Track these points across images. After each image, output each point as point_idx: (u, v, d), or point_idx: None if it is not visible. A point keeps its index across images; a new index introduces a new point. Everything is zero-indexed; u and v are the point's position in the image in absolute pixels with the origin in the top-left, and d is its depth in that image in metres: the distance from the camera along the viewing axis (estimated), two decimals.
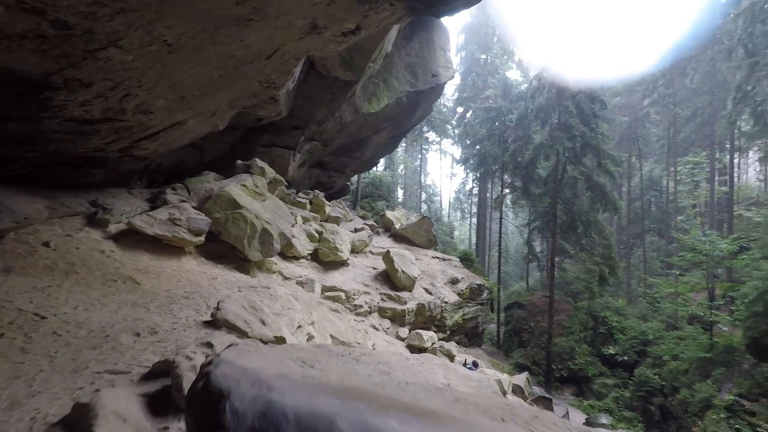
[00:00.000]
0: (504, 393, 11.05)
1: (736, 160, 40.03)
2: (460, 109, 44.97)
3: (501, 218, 30.21)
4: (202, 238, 10.76)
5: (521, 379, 16.11)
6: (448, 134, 42.25)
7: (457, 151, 62.05)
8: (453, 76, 26.59)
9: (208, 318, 5.99)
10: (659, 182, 41.55)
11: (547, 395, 16.82)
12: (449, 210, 72.18)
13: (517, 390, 13.37)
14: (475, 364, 13.24)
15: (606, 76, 25.29)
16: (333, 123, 20.91)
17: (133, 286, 7.01)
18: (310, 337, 7.48)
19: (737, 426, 15.65)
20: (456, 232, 63.20)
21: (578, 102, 22.02)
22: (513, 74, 38.40)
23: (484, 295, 20.25)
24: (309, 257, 16.04)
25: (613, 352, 25.95)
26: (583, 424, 16.83)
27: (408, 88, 23.97)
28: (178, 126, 9.35)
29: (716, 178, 41.32)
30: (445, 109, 42.24)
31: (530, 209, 34.73)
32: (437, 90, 26.27)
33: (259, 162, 15.05)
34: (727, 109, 35.44)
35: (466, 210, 70.40)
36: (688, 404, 18.15)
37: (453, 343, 14.52)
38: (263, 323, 5.66)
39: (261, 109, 15.50)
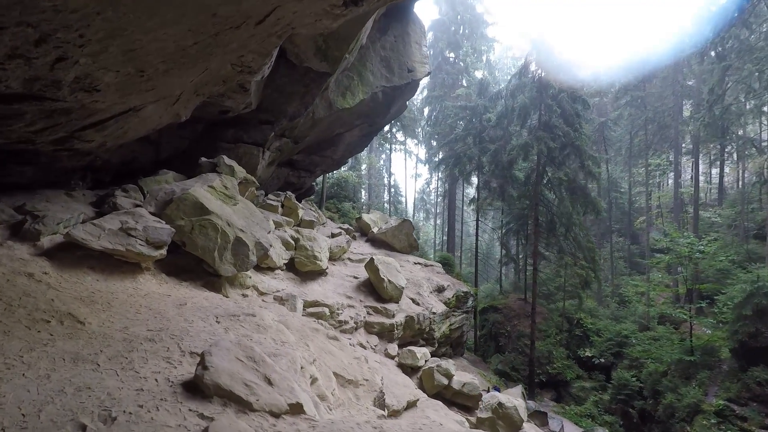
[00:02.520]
0: (522, 421, 9.89)
1: (689, 162, 41.66)
2: (426, 109, 44.14)
3: (478, 220, 29.46)
4: (164, 251, 8.83)
5: (516, 392, 15.11)
6: (416, 133, 41.20)
7: (421, 151, 61.45)
8: (429, 73, 25.48)
9: (187, 375, 4.28)
10: (620, 183, 42.56)
11: (541, 410, 15.93)
12: (413, 211, 71.54)
13: (534, 415, 12.28)
14: (497, 389, 12.14)
15: (585, 75, 25.15)
16: (305, 118, 19.19)
17: (75, 326, 5.13)
18: (314, 381, 5.89)
19: (729, 431, 15.44)
20: (420, 233, 62.60)
21: (561, 101, 21.50)
22: (481, 74, 37.84)
23: (470, 302, 19.21)
24: (284, 267, 14.26)
25: (589, 355, 25.78)
26: None
27: (383, 83, 22.59)
28: (133, 113, 7.43)
29: (670, 179, 42.87)
30: (414, 107, 41.18)
31: (503, 211, 34.35)
32: (413, 86, 25.04)
33: (227, 159, 13.13)
34: (684, 113, 36.75)
35: (431, 211, 70.09)
36: (674, 409, 17.90)
37: (450, 360, 13.25)
38: (269, 382, 4.04)
39: (228, 99, 13.58)
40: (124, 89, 5.73)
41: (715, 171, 42.10)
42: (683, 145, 37.11)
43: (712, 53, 22.78)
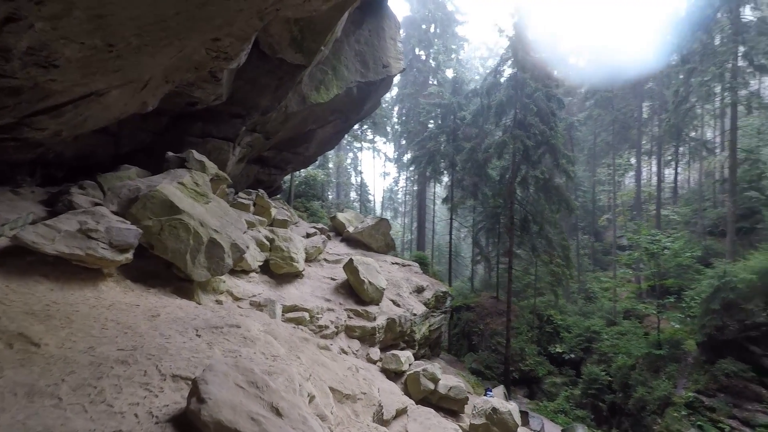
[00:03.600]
0: (517, 426, 9.57)
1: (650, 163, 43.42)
2: (396, 107, 43.79)
3: (452, 219, 29.32)
4: (130, 255, 7.88)
5: (499, 393, 14.93)
6: (386, 131, 40.75)
7: (390, 150, 61.17)
8: (404, 69, 25.04)
9: (174, 407, 3.57)
10: (583, 182, 43.81)
11: (522, 409, 15.81)
12: (382, 210, 71.26)
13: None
14: (489, 391, 11.82)
15: (558, 74, 25.46)
16: (278, 113, 18.32)
17: (28, 349, 4.27)
18: (311, 399, 5.27)
19: (699, 423, 15.87)
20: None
21: (536, 100, 21.59)
22: (452, 72, 37.80)
23: (448, 302, 18.93)
24: (259, 270, 13.41)
25: (560, 351, 26.17)
26: None
27: (358, 78, 22.00)
28: (95, 98, 6.50)
29: (627, 179, 44.52)
30: (384, 105, 40.70)
31: (475, 209, 34.45)
32: (388, 82, 24.57)
33: (196, 154, 12.13)
34: (644, 114, 38.14)
35: (399, 210, 70.01)
36: (645, 402, 18.31)
37: (436, 364, 12.85)
38: (278, 413, 3.40)
39: (198, 89, 12.61)
40: (87, 67, 4.87)
41: (668, 171, 44.06)
42: (642, 145, 38.47)
43: (676, 57, 23.62)
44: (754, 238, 24.61)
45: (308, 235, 17.88)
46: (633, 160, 40.98)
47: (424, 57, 39.45)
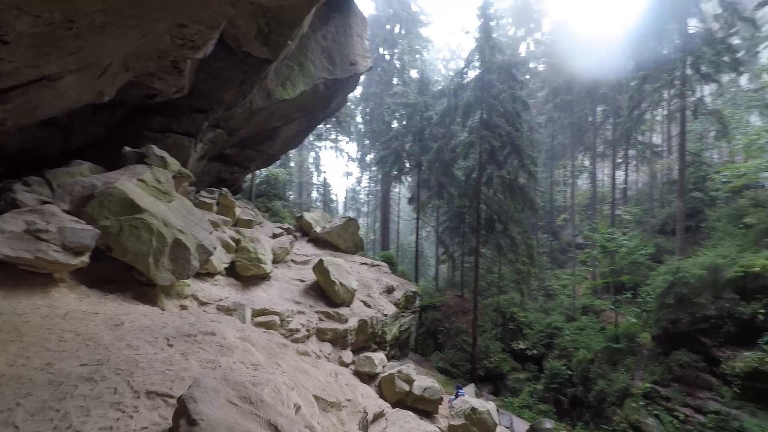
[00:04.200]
0: (496, 425, 9.56)
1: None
2: (360, 106, 43.49)
3: (418, 218, 29.34)
4: (86, 258, 7.20)
5: (470, 392, 14.99)
6: (350, 130, 40.38)
7: (353, 149, 60.73)
8: (371, 67, 24.81)
9: (154, 429, 3.17)
10: (541, 183, 45.28)
11: None
12: (344, 209, 70.78)
13: None
14: (459, 388, 11.74)
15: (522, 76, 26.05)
16: (242, 108, 17.64)
17: None
18: (298, 409, 4.93)
19: (655, 412, 16.64)
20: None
21: (503, 101, 21.95)
22: (416, 73, 37.98)
23: (417, 302, 18.87)
24: (224, 272, 12.77)
25: (523, 347, 26.79)
26: (527, 431, 16.42)
27: (325, 75, 21.58)
28: (47, 84, 5.83)
29: (580, 180, 46.40)
30: (349, 104, 40.32)
31: (439, 209, 34.70)
32: (355, 80, 24.26)
33: (157, 150, 11.36)
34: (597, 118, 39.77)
35: (362, 209, 69.76)
36: (605, 394, 19.00)
37: (411, 365, 12.67)
38: (277, 431, 3.07)
39: (158, 80, 11.84)
40: (41, 45, 4.30)
41: (619, 173, 46.36)
42: (599, 148, 40.14)
43: (631, 62, 24.80)
44: (698, 236, 26.24)
45: (275, 236, 17.29)
46: (587, 163, 42.78)
47: (388, 57, 39.40)
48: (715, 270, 16.44)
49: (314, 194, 65.00)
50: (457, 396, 12.47)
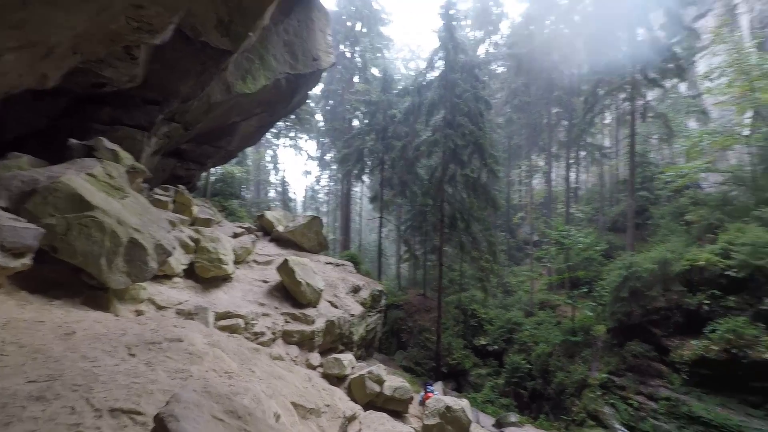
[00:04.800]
0: (470, 422, 9.52)
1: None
2: (320, 103, 42.80)
3: (381, 217, 29.18)
4: (27, 260, 6.45)
5: (438, 389, 15.00)
6: (312, 127, 39.64)
7: (312, 147, 59.80)
8: (334, 63, 24.40)
9: None
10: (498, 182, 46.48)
11: None
12: (303, 209, 69.66)
13: None
14: (429, 385, 11.60)
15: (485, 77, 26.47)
16: (200, 102, 16.80)
17: None
18: (278, 418, 4.61)
19: (611, 401, 17.39)
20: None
21: (466, 100, 22.21)
22: (378, 71, 37.82)
23: (383, 301, 18.72)
24: (182, 274, 12.03)
25: (484, 343, 27.28)
26: (493, 425, 16.68)
27: (287, 69, 21.00)
28: None
29: (534, 180, 48.08)
30: (309, 101, 39.58)
31: (401, 208, 34.77)
32: (317, 76, 23.76)
33: (108, 143, 10.51)
34: (550, 119, 41.20)
35: (321, 209, 68.93)
36: (564, 386, 19.67)
37: (381, 366, 12.44)
38: None
39: (109, 67, 10.99)
40: None
41: (570, 173, 48.47)
42: (554, 148, 41.63)
43: (586, 66, 25.90)
44: (645, 233, 27.83)
45: (235, 235, 16.57)
46: (542, 163, 44.33)
47: (349, 54, 39.00)
48: (664, 264, 17.40)
49: (272, 193, 63.49)
50: (426, 392, 12.38)
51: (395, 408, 11.76)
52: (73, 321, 5.87)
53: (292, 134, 48.04)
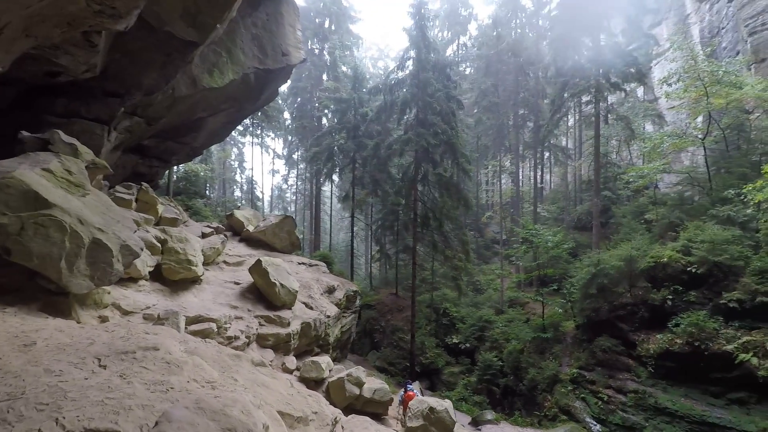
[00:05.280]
0: (454, 423, 9.40)
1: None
2: (288, 101, 41.95)
3: (353, 216, 28.80)
4: None
5: (417, 387, 14.86)
6: (280, 125, 38.74)
7: (279, 145, 58.57)
8: (304, 59, 23.84)
9: None
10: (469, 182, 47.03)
11: None
12: (270, 208, 68.26)
13: None
14: (409, 384, 11.39)
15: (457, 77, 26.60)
16: (164, 95, 15.99)
17: None
18: (266, 429, 4.28)
19: (582, 395, 17.83)
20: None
21: (438, 99, 22.22)
22: (346, 69, 37.41)
23: (357, 301, 18.42)
24: (148, 276, 11.34)
25: (456, 341, 27.42)
26: (469, 423, 16.72)
27: (256, 64, 20.36)
28: None
29: (501, 180, 48.97)
30: (277, 98, 38.68)
31: (372, 207, 34.52)
32: (287, 71, 23.15)
33: (64, 136, 9.71)
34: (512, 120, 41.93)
35: (289, 208, 67.75)
36: (537, 382, 20.00)
37: (360, 368, 12.15)
38: None
39: (66, 54, 10.24)
40: None
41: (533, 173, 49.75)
42: (520, 149, 42.53)
43: (552, 69, 26.52)
44: (608, 231, 28.83)
45: (204, 235, 15.87)
46: (508, 163, 45.24)
47: (317, 51, 38.40)
48: (630, 261, 17.99)
49: (237, 192, 61.81)
50: (406, 392, 12.19)
51: (375, 410, 11.54)
52: (31, 330, 5.30)
53: (258, 132, 46.89)
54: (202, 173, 36.46)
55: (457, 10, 40.57)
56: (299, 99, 39.15)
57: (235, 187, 61.11)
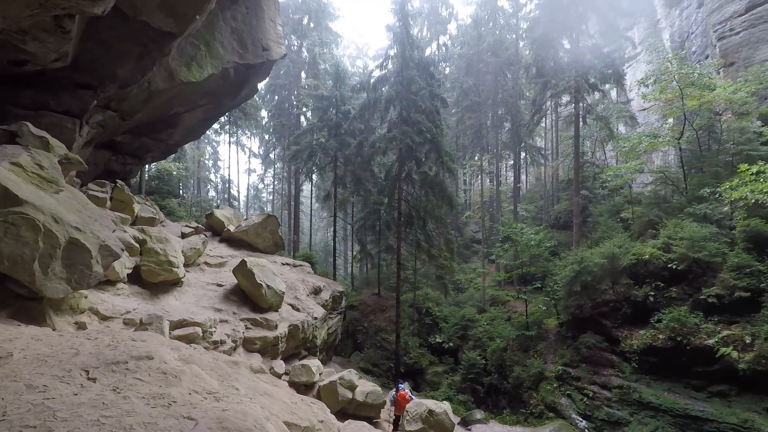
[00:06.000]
0: (453, 425, 9.16)
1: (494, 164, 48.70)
2: (266, 98, 41.06)
3: (335, 216, 28.31)
4: None
5: (407, 388, 14.56)
6: (257, 122, 37.82)
7: (255, 144, 57.32)
8: (285, 54, 23.26)
9: None
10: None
11: None
12: (246, 208, 66.86)
13: None
14: (400, 383, 11.08)
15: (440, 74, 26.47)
16: (139, 89, 15.27)
17: None
18: None
19: (568, 392, 17.96)
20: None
21: (423, 97, 22.03)
22: (325, 66, 36.87)
23: (343, 303, 18.03)
24: (127, 279, 10.68)
25: (439, 341, 27.31)
26: (458, 423, 16.57)
27: (236, 58, 19.76)
28: None
29: (479, 180, 49.28)
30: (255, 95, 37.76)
31: (354, 206, 34.08)
32: (267, 67, 22.53)
33: (33, 128, 9.00)
34: (490, 120, 42.22)
35: (265, 208, 66.55)
36: (522, 380, 20.06)
37: (352, 371, 11.78)
38: None
39: (34, 40, 9.54)
40: None
41: (512, 173, 50.33)
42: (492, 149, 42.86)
43: (533, 69, 26.81)
44: (585, 230, 29.35)
45: (183, 235, 15.19)
46: (486, 163, 45.63)
47: (296, 48, 37.71)
48: (613, 258, 18.25)
49: (212, 193, 60.25)
50: (398, 392, 11.90)
51: (367, 414, 11.23)
52: (4, 340, 4.75)
53: (234, 130, 45.74)
54: (175, 172, 35.26)
55: (438, 10, 40.60)
56: (277, 97, 38.35)
57: (209, 186, 59.56)
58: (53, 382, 3.64)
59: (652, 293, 17.02)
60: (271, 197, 63.75)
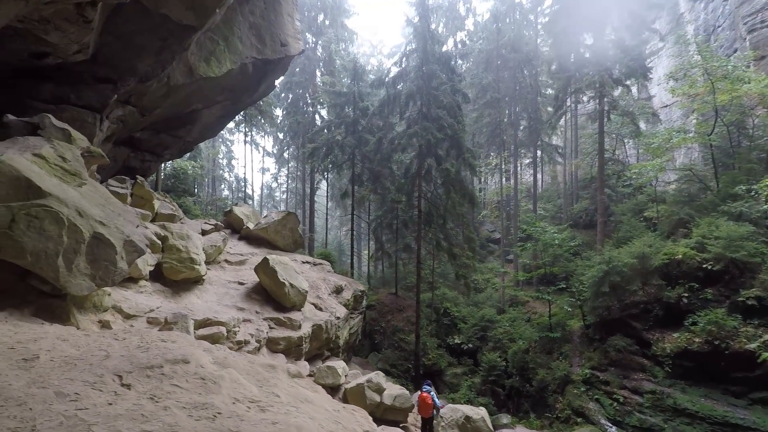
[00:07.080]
0: (491, 431, 8.69)
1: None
2: (281, 95, 40.85)
3: (353, 214, 27.91)
4: None
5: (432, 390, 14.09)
6: (272, 120, 37.59)
7: (269, 143, 57.24)
8: (303, 50, 22.93)
9: None
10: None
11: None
12: (260, 207, 66.98)
13: None
14: (428, 385, 10.61)
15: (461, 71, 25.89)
16: (159, 83, 15.04)
17: None
18: None
19: (596, 396, 17.31)
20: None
21: (444, 92, 21.52)
22: (340, 63, 36.52)
23: (364, 302, 17.63)
24: (148, 276, 10.38)
25: (458, 342, 26.77)
26: None
27: (254, 54, 19.48)
28: None
29: (494, 178, 48.54)
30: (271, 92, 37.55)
31: (370, 205, 33.66)
32: (285, 63, 22.23)
33: (56, 120, 8.73)
34: (507, 117, 41.38)
35: (279, 207, 66.52)
36: (546, 383, 19.44)
37: (380, 373, 11.37)
38: None
39: (56, 30, 9.26)
40: None
41: (530, 171, 49.44)
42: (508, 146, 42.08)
43: (555, 64, 26.13)
44: (608, 229, 28.54)
45: (204, 232, 14.89)
46: (503, 162, 44.88)
47: (311, 45, 37.40)
48: (643, 258, 17.55)
49: (226, 191, 60.37)
50: (422, 392, 11.42)
51: (395, 418, 10.77)
52: (28, 340, 4.40)
53: (248, 129, 45.61)
54: (191, 170, 35.19)
55: (455, 6, 39.99)
56: (291, 95, 38.10)
57: (224, 185, 59.72)
58: (85, 389, 3.25)
59: (686, 294, 16.29)
60: (284, 196, 63.64)
